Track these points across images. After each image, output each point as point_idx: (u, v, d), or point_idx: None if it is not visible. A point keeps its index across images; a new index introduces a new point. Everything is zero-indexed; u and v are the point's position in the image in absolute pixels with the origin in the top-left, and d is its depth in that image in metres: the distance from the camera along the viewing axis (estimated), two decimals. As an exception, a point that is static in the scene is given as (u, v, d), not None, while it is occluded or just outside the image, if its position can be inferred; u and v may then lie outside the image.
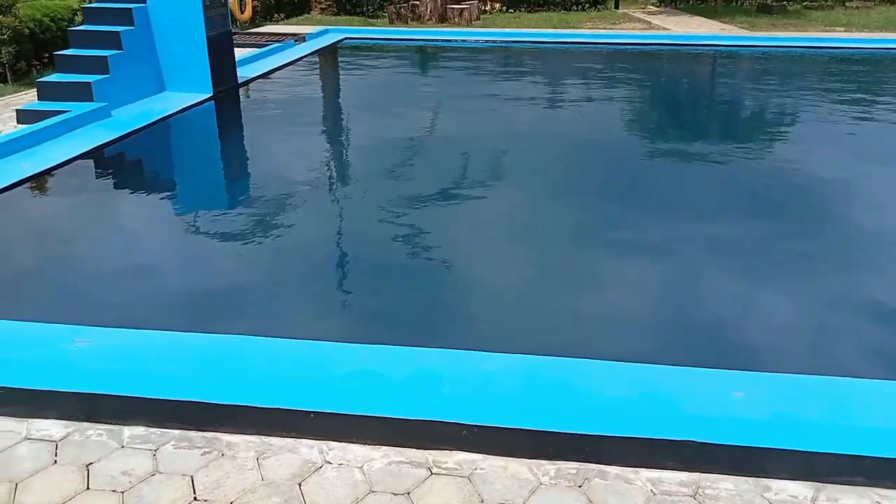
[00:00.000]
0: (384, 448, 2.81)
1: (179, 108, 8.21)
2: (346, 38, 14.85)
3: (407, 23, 17.70)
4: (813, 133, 8.41)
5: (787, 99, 10.27)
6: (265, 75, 10.69)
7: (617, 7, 23.11)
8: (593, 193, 6.16)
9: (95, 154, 6.74)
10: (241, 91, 9.73)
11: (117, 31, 8.20)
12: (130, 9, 8.37)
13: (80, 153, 6.59)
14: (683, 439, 2.69)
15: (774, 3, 20.96)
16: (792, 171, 6.74)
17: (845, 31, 16.39)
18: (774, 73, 12.53)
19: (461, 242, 5.13)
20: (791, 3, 21.99)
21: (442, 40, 15.26)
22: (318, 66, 12.82)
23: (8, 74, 10.14)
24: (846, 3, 22.28)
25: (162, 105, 8.27)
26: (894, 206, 5.88)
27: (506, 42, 14.99)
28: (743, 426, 2.75)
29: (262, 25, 16.40)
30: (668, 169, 6.95)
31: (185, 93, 8.74)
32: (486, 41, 14.96)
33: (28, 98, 8.69)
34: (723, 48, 14.46)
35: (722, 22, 18.08)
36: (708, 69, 13.40)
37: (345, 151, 7.82)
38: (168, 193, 6.42)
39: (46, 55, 10.78)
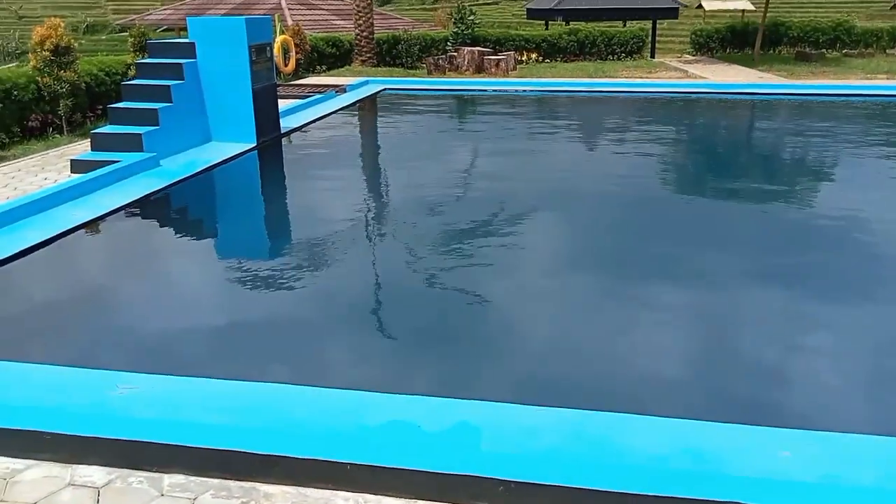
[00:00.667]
0: (420, 502, 2.78)
1: (224, 158, 8.48)
2: (385, 89, 15.22)
3: (445, 73, 18.10)
4: (861, 181, 8.24)
5: (831, 146, 10.13)
6: (307, 125, 11.00)
7: (653, 56, 23.29)
8: (634, 241, 6.12)
9: (143, 202, 6.97)
10: (284, 140, 10.01)
11: (168, 85, 8.56)
12: (181, 64, 8.75)
13: (128, 202, 6.83)
14: (728, 501, 2.60)
15: (813, 52, 20.87)
16: (838, 218, 6.61)
17: (888, 78, 16.21)
18: (816, 120, 12.41)
19: (501, 290, 5.12)
20: (830, 51, 21.88)
21: (479, 90, 15.56)
22: (358, 115, 13.14)
23: (64, 126, 10.62)
24: (887, 51, 22.09)
25: (208, 155, 8.54)
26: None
27: (542, 91, 15.19)
28: (790, 488, 2.65)
29: (305, 77, 16.93)
30: (708, 216, 6.88)
31: (231, 143, 9.04)
32: (523, 90, 15.19)
33: (82, 148, 9.07)
34: (762, 96, 14.40)
35: (760, 70, 18.06)
36: (747, 117, 13.34)
37: (383, 199, 7.94)
38: (211, 240, 6.60)
39: (100, 107, 11.28)
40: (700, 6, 38.24)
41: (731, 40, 23.27)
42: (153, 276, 5.58)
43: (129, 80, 9.57)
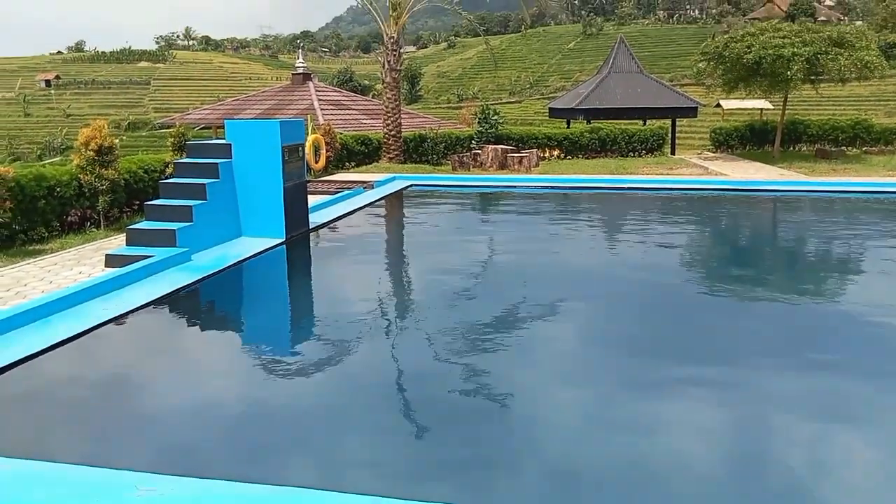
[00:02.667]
0: None
1: (253, 253, 8.69)
2: (412, 185, 15.65)
3: (469, 170, 18.60)
4: (884, 280, 8.16)
5: (854, 243, 10.09)
6: (335, 220, 11.29)
7: (673, 153, 23.75)
8: (655, 342, 6.06)
9: (173, 297, 7.11)
10: (313, 236, 10.26)
11: (203, 184, 8.92)
12: (217, 164, 9.14)
13: (158, 296, 6.98)
14: None
15: (833, 149, 21.15)
16: (860, 315, 6.51)
17: (910, 175, 16.29)
18: (840, 216, 12.43)
19: (523, 387, 5.07)
20: (850, 148, 22.16)
21: (503, 186, 15.92)
22: (384, 211, 13.47)
23: (101, 220, 11.03)
24: (907, 148, 22.30)
25: (238, 250, 8.77)
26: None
27: (564, 188, 15.49)
28: None
29: (335, 173, 17.52)
30: (730, 314, 6.82)
31: (261, 238, 9.29)
32: (546, 187, 15.51)
33: (118, 242, 9.38)
34: (784, 192, 14.51)
35: (780, 167, 18.27)
36: (770, 213, 13.40)
37: (407, 294, 8.02)
38: (238, 335, 6.67)
39: (137, 202, 11.73)
40: (719, 105, 39.33)
41: (751, 138, 23.73)
42: (178, 373, 5.63)
43: (167, 177, 9.99)
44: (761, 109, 37.69)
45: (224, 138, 9.57)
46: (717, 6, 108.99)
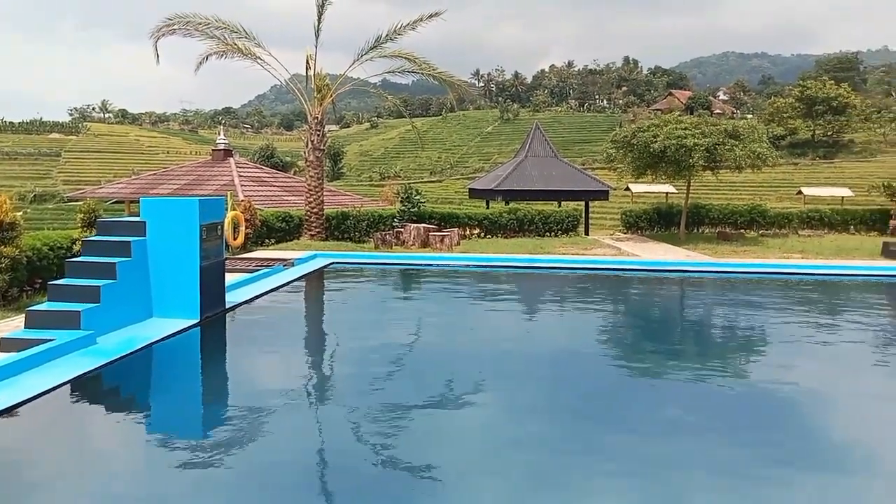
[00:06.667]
0: None
1: (165, 335, 8.31)
2: (333, 263, 15.54)
3: (391, 248, 18.70)
4: (781, 352, 8.62)
5: (753, 320, 10.66)
6: (253, 299, 11.00)
7: (587, 233, 24.73)
8: (572, 415, 6.13)
9: (74, 383, 6.66)
10: (229, 316, 9.93)
11: (113, 263, 8.56)
12: (129, 242, 8.82)
13: (57, 383, 6.52)
14: None
15: (733, 232, 22.61)
16: (762, 388, 6.82)
17: (802, 257, 17.53)
18: (741, 295, 13.15)
19: (443, 464, 4.97)
20: (748, 231, 23.74)
21: (424, 265, 16.04)
22: (305, 289, 13.26)
23: (-1, 299, 10.35)
24: (799, 232, 24.09)
25: (148, 332, 8.38)
26: (869, 419, 5.90)
27: (485, 266, 15.77)
28: None
29: (254, 250, 17.20)
30: (642, 389, 7.00)
31: (173, 319, 8.92)
32: (467, 265, 15.74)
33: (15, 324, 8.78)
34: (690, 273, 15.30)
35: (686, 249, 19.31)
36: (678, 293, 14.04)
37: (327, 374, 7.83)
38: (144, 424, 6.27)
39: (40, 280, 11.09)
40: (628, 188, 41.52)
41: (658, 220, 25.08)
42: (76, 468, 5.21)
43: (74, 255, 9.53)
44: (667, 193, 40.05)
45: (138, 215, 9.29)
46: (624, 97, 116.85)
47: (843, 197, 39.38)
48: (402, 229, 19.70)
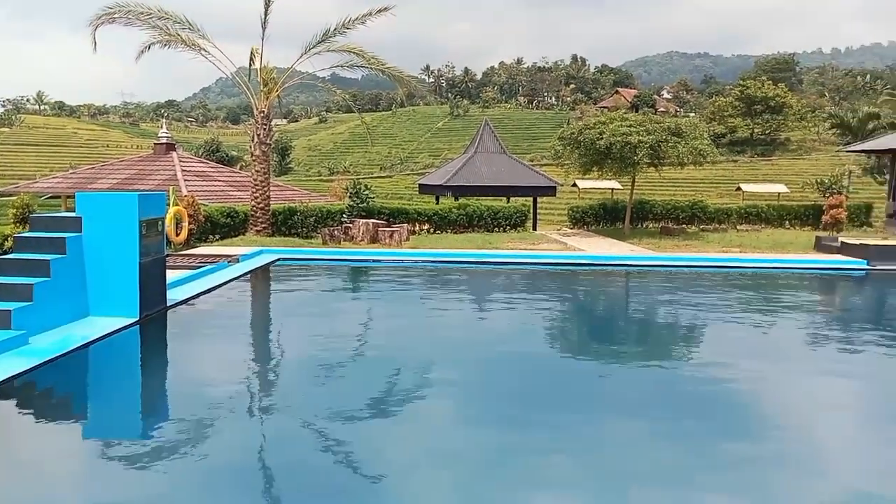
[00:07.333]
0: None
1: (102, 335, 8.06)
2: (279, 259, 15.33)
3: (340, 244, 18.54)
4: (719, 341, 8.92)
5: (692, 311, 10.99)
6: (197, 297, 10.76)
7: (535, 229, 25.01)
8: (520, 407, 6.21)
9: (4, 385, 6.40)
10: (170, 313, 9.70)
11: (47, 260, 8.25)
12: (64, 238, 8.51)
13: (-13, 385, 6.26)
14: None
15: (675, 227, 23.23)
16: (700, 374, 7.05)
17: (740, 251, 18.13)
18: (683, 287, 13.54)
19: (390, 463, 4.98)
20: (689, 226, 24.42)
21: (373, 260, 15.98)
22: (250, 286, 13.04)
23: (-78, 299, 9.84)
24: (738, 227, 24.89)
25: (83, 331, 8.11)
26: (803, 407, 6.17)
27: (434, 262, 15.80)
28: None
29: (197, 247, 16.81)
30: (588, 379, 7.14)
31: (111, 317, 8.67)
32: (416, 261, 15.74)
33: (-60, 325, 8.38)
34: (634, 267, 15.66)
35: (630, 243, 19.74)
36: (623, 286, 14.36)
37: (272, 373, 7.72)
38: (79, 426, 6.08)
39: (-32, 279, 10.60)
40: (575, 184, 42.20)
41: (604, 215, 25.54)
42: (10, 474, 5.01)
43: (5, 253, 9.15)
44: (612, 189, 40.86)
45: (75, 210, 8.97)
46: (572, 95, 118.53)
47: (779, 193, 40.92)
48: (350, 225, 19.54)
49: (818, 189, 32.83)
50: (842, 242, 17.33)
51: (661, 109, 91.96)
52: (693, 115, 74.78)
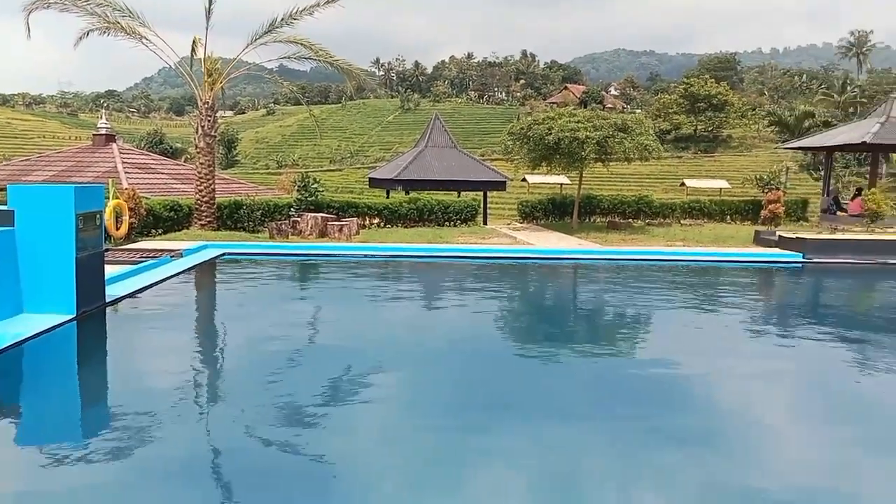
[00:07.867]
0: None
1: (36, 332, 7.74)
2: (225, 254, 15.00)
3: (287, 238, 18.25)
4: (665, 333, 9.15)
5: (638, 303, 11.24)
6: (137, 292, 10.44)
7: (485, 223, 25.15)
8: (469, 401, 6.23)
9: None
10: (109, 310, 9.38)
11: (-25, 254, 7.88)
12: (-6, 232, 8.14)
13: None
14: None
15: (622, 222, 23.68)
16: (645, 365, 7.22)
17: (684, 244, 18.60)
18: (626, 280, 13.82)
19: (337, 458, 4.92)
20: (635, 220, 24.93)
21: (321, 255, 15.79)
22: (194, 281, 12.73)
23: None
24: (681, 222, 25.52)
25: (16, 328, 7.77)
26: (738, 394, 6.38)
27: (383, 256, 15.71)
28: None
29: (138, 241, 16.31)
30: (538, 372, 7.22)
31: (45, 314, 8.33)
32: (365, 255, 15.63)
33: None
34: (581, 260, 15.90)
35: (578, 237, 20.03)
36: (570, 279, 14.56)
37: (216, 370, 7.55)
38: (12, 427, 5.82)
39: None
40: (525, 179, 42.55)
41: (553, 210, 25.84)
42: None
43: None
44: (561, 184, 41.38)
45: (6, 203, 8.58)
46: (521, 90, 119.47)
47: (721, 189, 42.09)
48: (298, 218, 19.26)
49: (757, 185, 33.91)
50: (779, 236, 17.95)
51: (609, 106, 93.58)
52: (639, 111, 76.42)
